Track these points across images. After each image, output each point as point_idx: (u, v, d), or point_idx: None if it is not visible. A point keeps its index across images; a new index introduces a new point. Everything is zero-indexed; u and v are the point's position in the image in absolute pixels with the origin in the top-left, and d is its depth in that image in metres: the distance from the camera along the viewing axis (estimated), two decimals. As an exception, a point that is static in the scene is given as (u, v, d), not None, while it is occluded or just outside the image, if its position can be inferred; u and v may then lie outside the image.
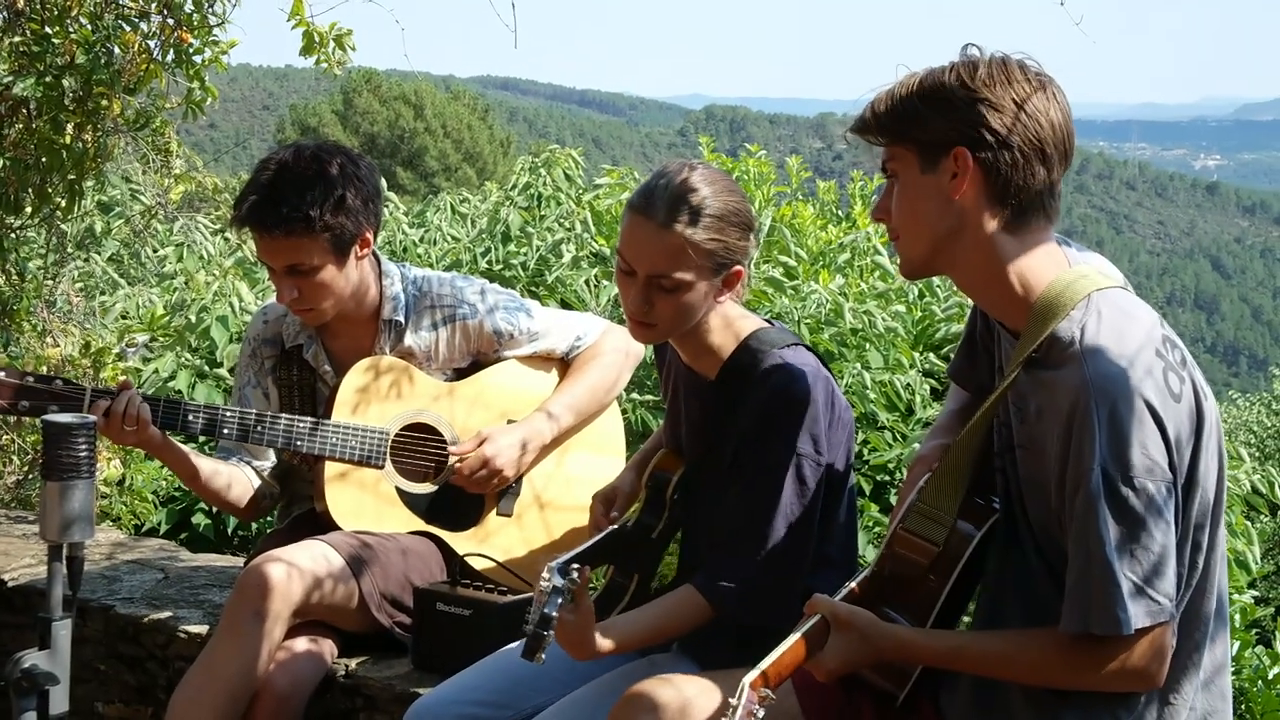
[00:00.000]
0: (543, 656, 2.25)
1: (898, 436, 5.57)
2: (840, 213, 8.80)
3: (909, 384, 5.61)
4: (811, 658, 2.14)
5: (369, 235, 3.27)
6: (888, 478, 5.41)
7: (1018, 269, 2.08)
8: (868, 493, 5.32)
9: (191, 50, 4.34)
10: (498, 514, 3.43)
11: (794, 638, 2.12)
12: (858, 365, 5.69)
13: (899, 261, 2.21)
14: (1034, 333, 2.05)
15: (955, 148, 2.03)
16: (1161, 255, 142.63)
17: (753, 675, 2.02)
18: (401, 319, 3.38)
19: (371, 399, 3.34)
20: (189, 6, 4.34)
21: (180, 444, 3.31)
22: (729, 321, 2.67)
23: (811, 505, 2.57)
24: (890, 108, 2.09)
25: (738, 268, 2.59)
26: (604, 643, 2.43)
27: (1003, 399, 2.13)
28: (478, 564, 3.36)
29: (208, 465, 3.34)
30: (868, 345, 5.99)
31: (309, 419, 3.28)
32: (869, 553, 4.60)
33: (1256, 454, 18.96)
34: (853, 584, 2.28)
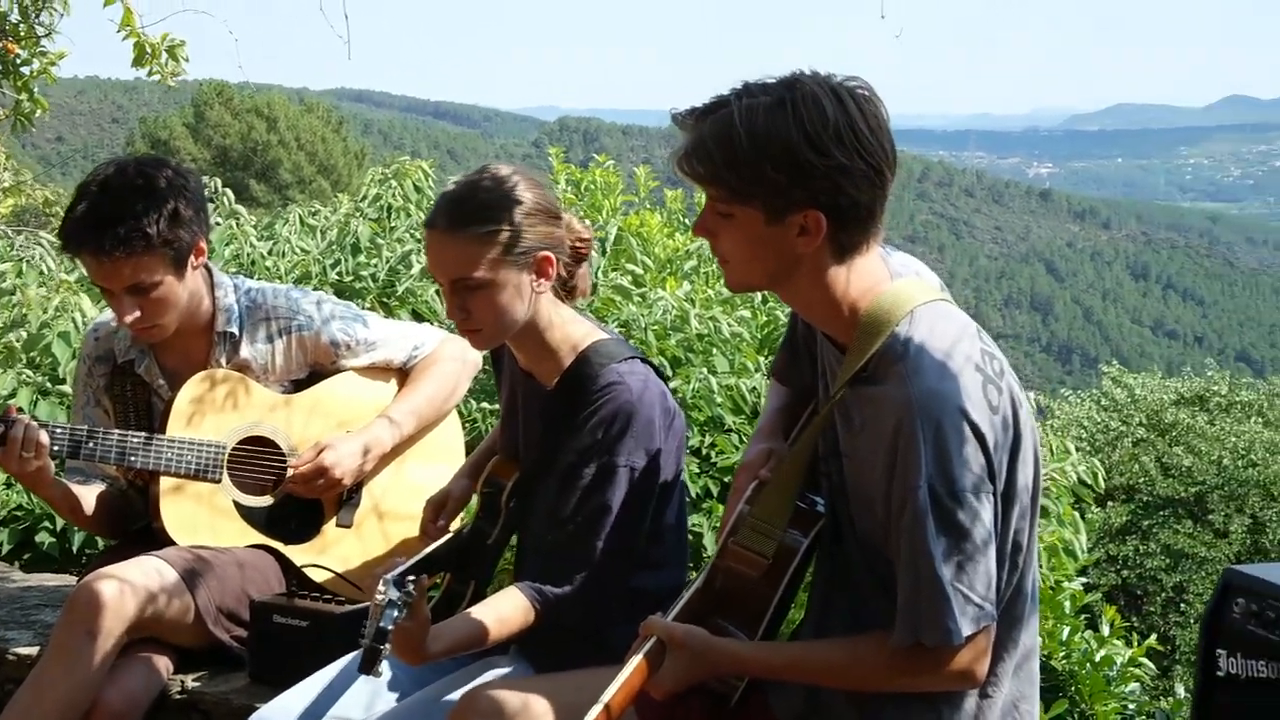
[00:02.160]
0: (380, 670, 2.25)
1: (744, 439, 5.64)
2: (687, 221, 8.89)
3: (754, 387, 5.68)
4: (651, 678, 2.16)
5: (202, 244, 3.23)
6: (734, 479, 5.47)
7: (847, 292, 2.11)
8: (714, 494, 5.38)
9: (19, 61, 4.22)
10: (337, 525, 3.41)
11: (634, 663, 2.14)
12: (704, 370, 5.75)
13: (725, 277, 2.21)
14: (860, 349, 2.09)
15: (807, 210, 2.02)
16: (999, 259, 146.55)
17: (596, 710, 2.04)
18: (236, 330, 3.34)
19: (207, 412, 3.28)
20: (14, 16, 4.22)
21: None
22: (568, 331, 2.71)
23: (639, 515, 2.63)
24: (732, 167, 2.01)
25: (544, 253, 2.61)
26: (435, 647, 2.43)
27: (833, 409, 2.16)
28: (317, 576, 3.33)
29: (88, 495, 3.29)
30: (714, 350, 6.05)
31: (142, 434, 3.22)
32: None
33: (1087, 448, 19.62)
34: (684, 599, 2.30)
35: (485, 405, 5.74)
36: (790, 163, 1.97)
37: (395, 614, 2.25)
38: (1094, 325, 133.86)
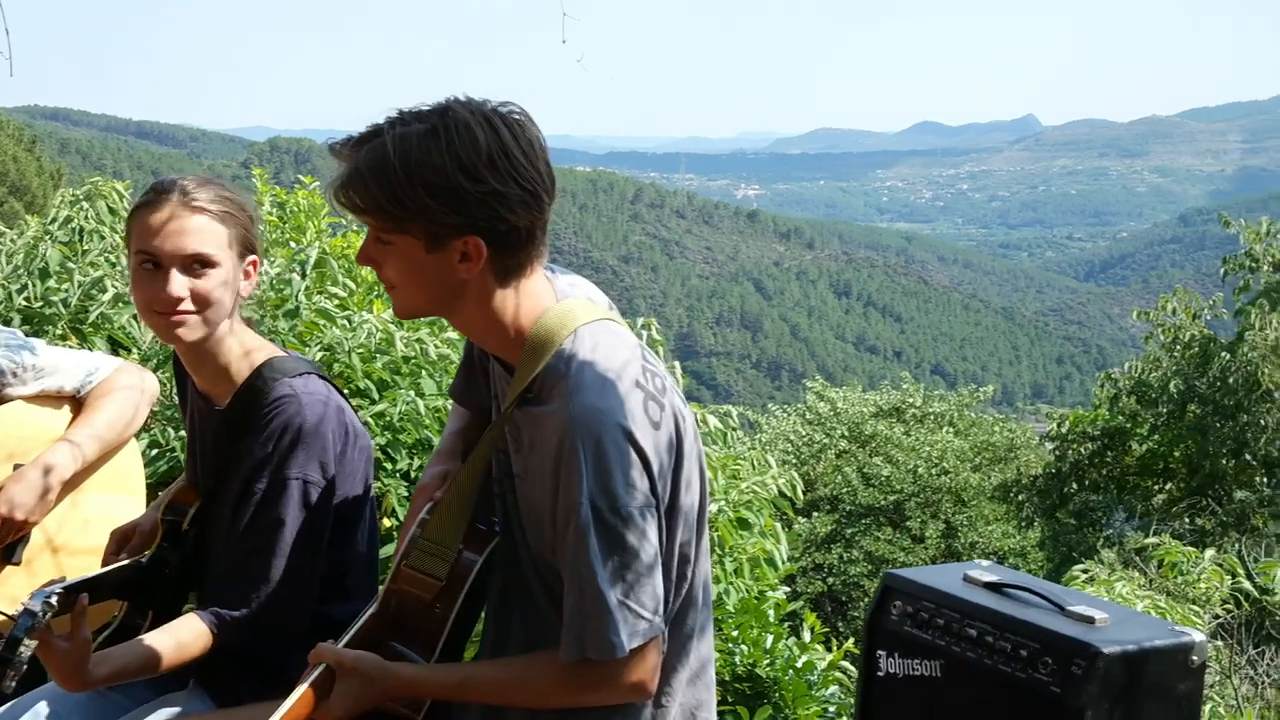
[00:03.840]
0: (11, 683, 2.15)
1: (453, 461, 5.63)
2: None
3: (462, 409, 5.69)
4: (319, 707, 2.12)
5: None
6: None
7: (513, 314, 2.12)
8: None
9: None
10: (11, 563, 3.24)
11: (300, 690, 2.10)
12: (411, 393, 5.72)
13: (392, 304, 2.19)
14: (526, 370, 2.11)
15: (467, 236, 2.01)
16: (710, 279, 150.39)
17: None
18: None
19: None
20: None
21: None
22: (246, 349, 2.63)
23: (318, 532, 2.55)
24: (389, 196, 1.99)
25: (253, 257, 2.57)
26: (98, 671, 2.34)
27: (501, 430, 2.18)
28: None
29: None
30: (422, 372, 6.02)
31: None
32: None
33: (793, 460, 20.33)
34: (358, 624, 2.27)
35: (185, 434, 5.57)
36: (445, 190, 1.96)
37: (29, 624, 2.15)
38: (801, 341, 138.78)
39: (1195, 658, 1.84)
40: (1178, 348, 16.56)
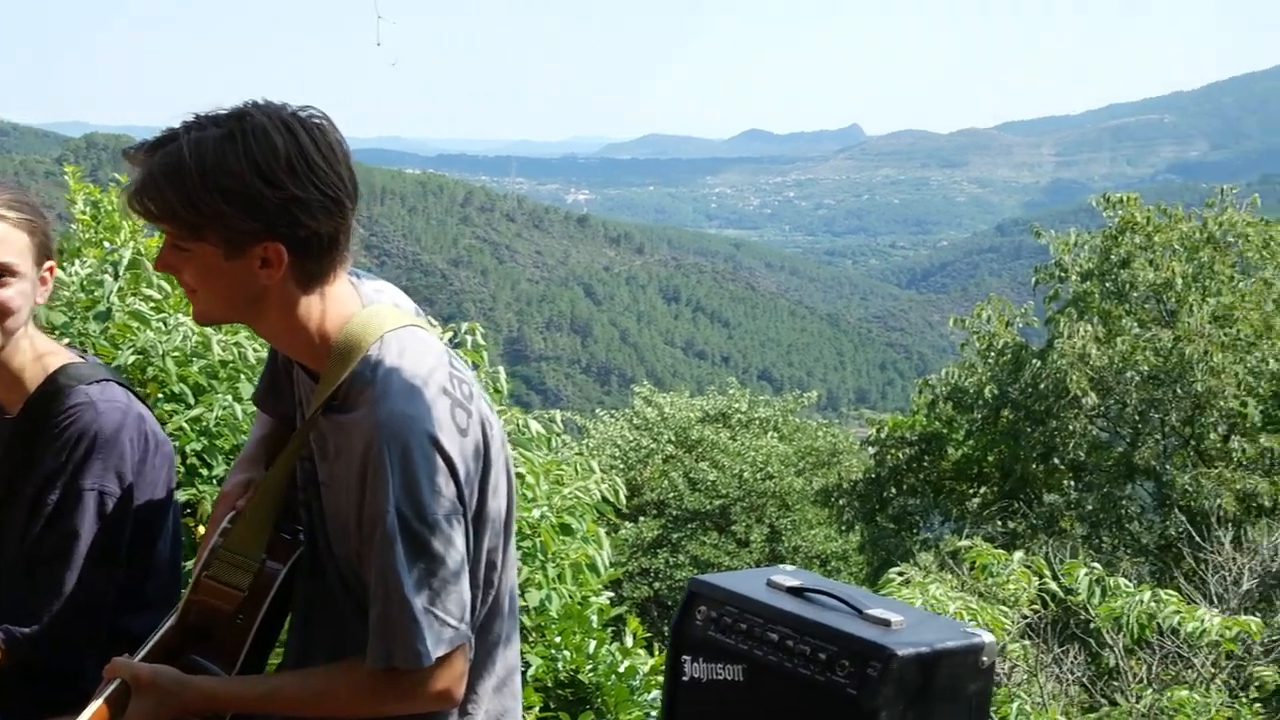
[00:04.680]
0: None
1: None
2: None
3: (281, 414, 5.61)
4: None
5: None
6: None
7: (317, 320, 2.10)
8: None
9: None
10: None
11: (95, 706, 2.05)
12: (229, 397, 5.61)
13: (193, 310, 2.16)
14: (332, 377, 2.09)
15: (266, 242, 1.98)
16: (540, 283, 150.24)
17: None
18: None
19: None
20: None
21: None
22: (39, 354, 2.55)
23: (114, 544, 2.49)
24: (185, 202, 1.95)
25: (51, 263, 2.50)
26: None
27: (305, 437, 2.16)
28: None
29: None
30: (241, 376, 5.91)
31: None
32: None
33: (621, 465, 20.42)
34: (156, 637, 2.22)
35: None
36: (243, 196, 1.94)
37: None
38: (630, 347, 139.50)
39: (985, 658, 1.92)
40: (992, 355, 17.06)
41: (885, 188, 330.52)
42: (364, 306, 2.14)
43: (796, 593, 2.05)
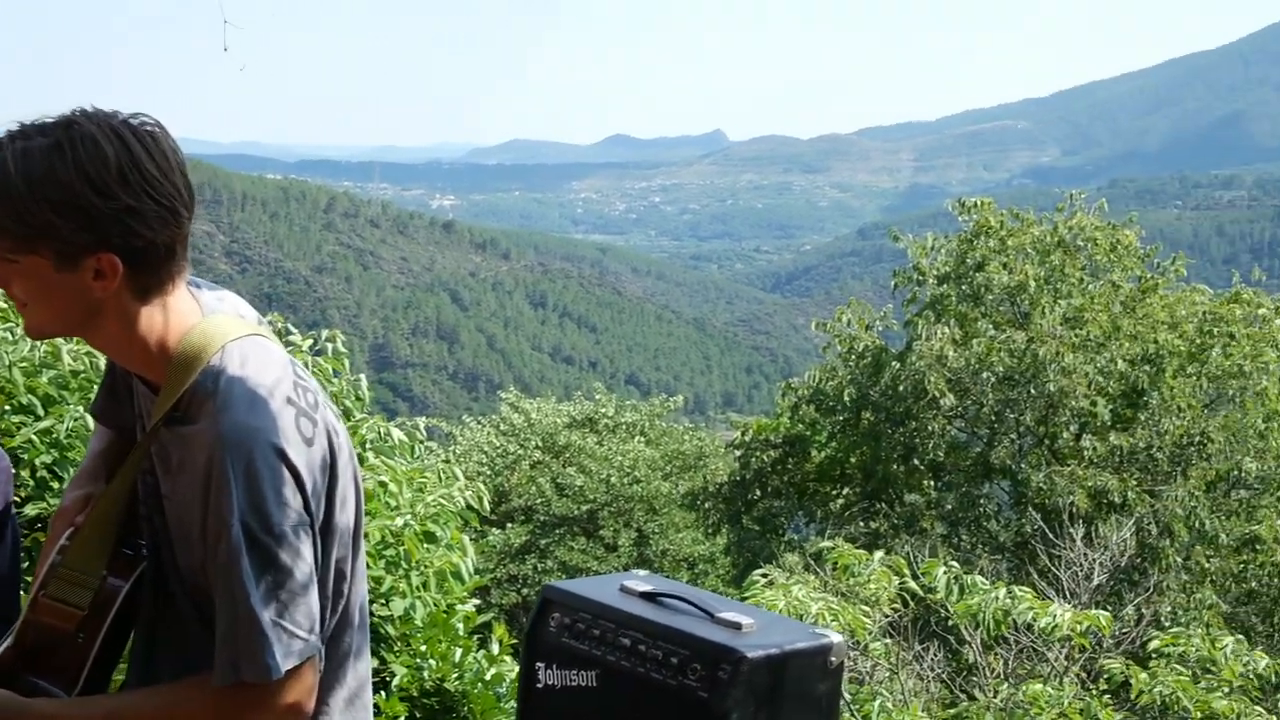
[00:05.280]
0: None
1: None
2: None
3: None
4: None
5: None
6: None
7: (156, 331, 2.06)
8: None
9: None
10: None
11: None
12: (80, 408, 5.49)
13: (24, 324, 2.09)
14: (172, 388, 2.04)
15: (100, 253, 1.94)
16: (406, 289, 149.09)
17: None
18: None
19: None
20: None
21: None
22: None
23: None
24: (11, 214, 1.90)
25: None
26: None
27: (146, 450, 2.12)
28: None
29: None
30: (93, 387, 5.79)
31: None
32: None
33: (488, 472, 20.36)
34: None
35: None
36: (73, 207, 1.89)
37: None
38: (497, 353, 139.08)
39: (834, 658, 1.95)
40: (853, 358, 17.32)
41: (749, 192, 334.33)
42: (204, 316, 2.10)
43: (649, 597, 2.06)
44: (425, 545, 5.13)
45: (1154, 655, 6.63)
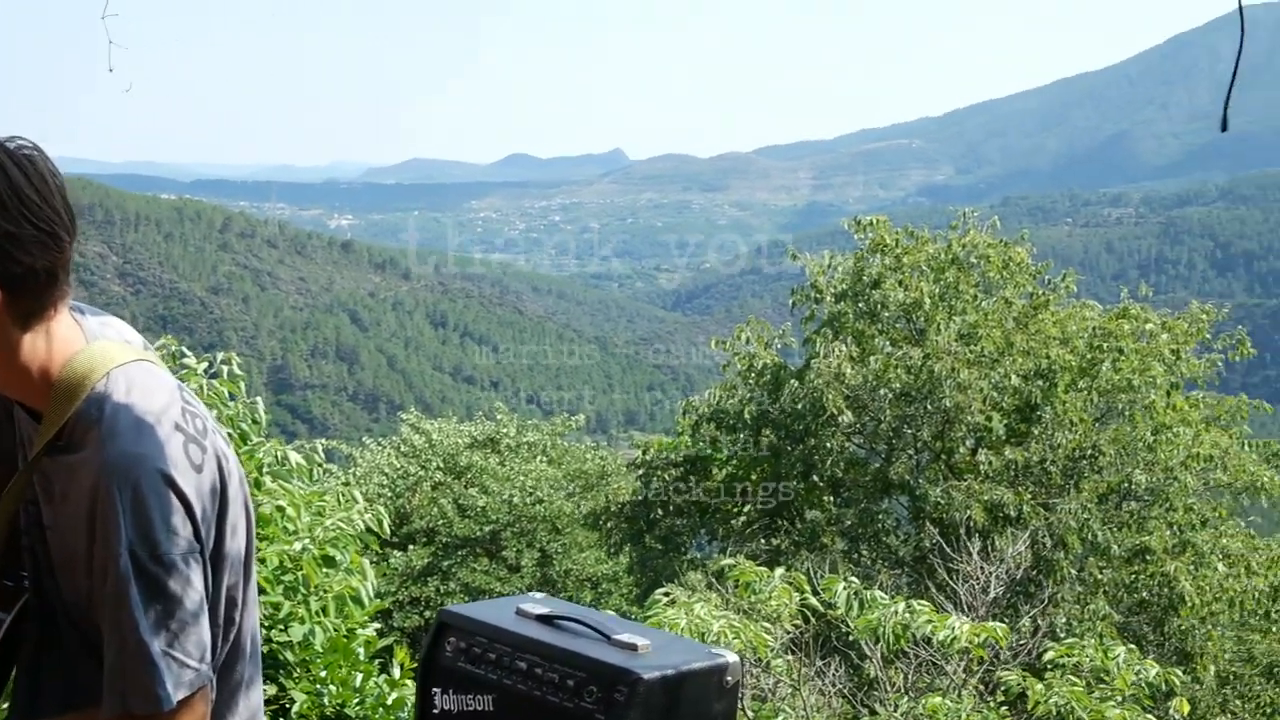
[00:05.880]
0: None
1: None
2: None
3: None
4: None
5: None
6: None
7: (37, 359, 2.02)
8: None
9: None
10: None
11: None
12: None
13: None
14: (55, 416, 2.02)
15: None
16: (304, 310, 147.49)
17: None
18: None
19: None
20: None
21: None
22: None
23: None
24: None
25: None
26: None
27: (28, 479, 2.08)
28: None
29: None
30: None
31: None
32: None
33: (389, 494, 20.18)
34: None
35: None
36: None
37: None
38: (398, 373, 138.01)
39: (729, 677, 1.97)
40: (752, 376, 17.40)
41: (649, 211, 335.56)
42: (88, 342, 2.07)
43: (545, 620, 2.07)
44: (324, 570, 5.09)
45: (1049, 666, 6.74)
